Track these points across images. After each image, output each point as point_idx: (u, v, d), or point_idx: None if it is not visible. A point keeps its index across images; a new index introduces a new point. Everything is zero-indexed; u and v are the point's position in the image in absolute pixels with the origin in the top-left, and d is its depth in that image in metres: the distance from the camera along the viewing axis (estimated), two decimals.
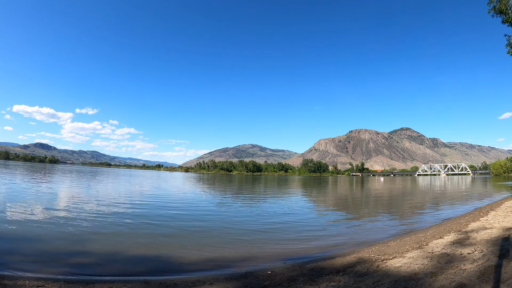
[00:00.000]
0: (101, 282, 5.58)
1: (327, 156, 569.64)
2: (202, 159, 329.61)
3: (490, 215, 12.13)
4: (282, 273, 6.18)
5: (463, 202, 23.00)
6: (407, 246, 7.80)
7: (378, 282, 5.14)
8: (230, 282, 5.71)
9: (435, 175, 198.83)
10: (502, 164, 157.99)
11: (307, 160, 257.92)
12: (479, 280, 4.42)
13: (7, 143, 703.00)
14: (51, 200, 17.38)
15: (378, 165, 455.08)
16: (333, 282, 5.43)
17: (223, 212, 15.77)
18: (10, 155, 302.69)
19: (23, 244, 8.16)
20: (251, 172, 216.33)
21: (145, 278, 5.93)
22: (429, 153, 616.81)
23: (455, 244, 7.23)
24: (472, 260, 5.57)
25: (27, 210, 13.27)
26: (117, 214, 13.63)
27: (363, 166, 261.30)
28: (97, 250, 7.95)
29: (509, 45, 16.93)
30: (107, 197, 20.90)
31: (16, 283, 5.24)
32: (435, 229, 10.53)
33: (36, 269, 6.33)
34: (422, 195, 32.29)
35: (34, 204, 15.33)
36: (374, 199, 26.81)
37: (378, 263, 6.33)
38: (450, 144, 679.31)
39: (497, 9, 16.21)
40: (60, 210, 13.97)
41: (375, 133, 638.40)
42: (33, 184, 28.93)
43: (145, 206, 17.13)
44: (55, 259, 7.09)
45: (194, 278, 6.04)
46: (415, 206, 21.07)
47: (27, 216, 11.86)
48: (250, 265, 7.13)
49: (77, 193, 22.84)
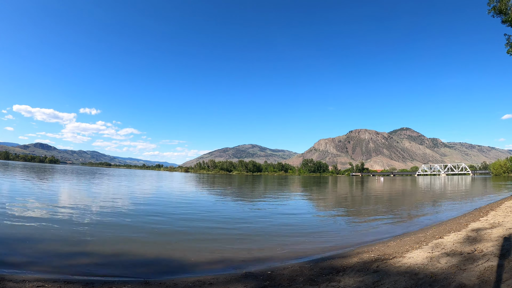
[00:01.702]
0: (101, 282, 5.57)
1: (327, 156, 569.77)
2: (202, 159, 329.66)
3: (490, 215, 12.13)
4: (282, 274, 6.18)
5: (463, 202, 23.01)
6: (407, 246, 7.80)
7: (378, 282, 5.14)
8: (230, 282, 5.71)
9: (435, 175, 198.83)
10: (502, 164, 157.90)
11: (307, 160, 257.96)
12: (479, 280, 4.42)
13: (7, 143, 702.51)
14: (50, 200, 17.37)
15: (378, 165, 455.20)
16: (333, 282, 5.43)
17: (223, 212, 15.77)
18: (10, 155, 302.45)
19: (22, 244, 8.16)
20: (251, 172, 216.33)
21: (145, 279, 5.93)
22: (429, 153, 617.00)
23: (455, 244, 7.23)
24: (472, 260, 5.57)
25: (26, 211, 13.26)
26: (116, 214, 13.62)
27: (363, 166, 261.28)
28: (96, 250, 7.95)
29: (509, 45, 16.94)
30: (107, 198, 20.90)
31: (16, 283, 5.24)
32: (435, 229, 10.54)
33: (36, 269, 6.33)
34: (422, 195, 32.30)
35: (33, 204, 15.33)
36: (374, 199, 26.80)
37: (378, 263, 6.33)
38: (450, 144, 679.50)
39: (497, 9, 16.23)
40: (60, 210, 13.96)
41: (375, 133, 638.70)
42: (33, 184, 28.91)
43: (145, 206, 17.13)
44: (55, 259, 7.09)
45: (194, 278, 6.04)
46: (415, 206, 21.08)
47: (27, 217, 11.85)
48: (250, 265, 7.14)
49: (76, 193, 22.84)
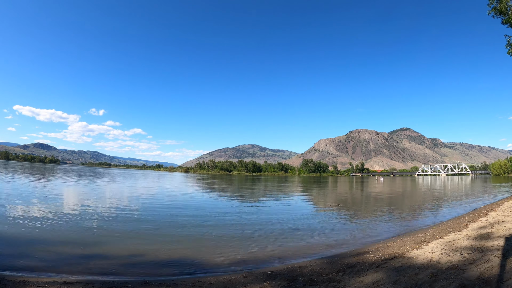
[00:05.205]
0: (101, 283, 5.58)
1: (327, 156, 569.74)
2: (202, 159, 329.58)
3: (490, 215, 12.13)
4: (282, 273, 6.19)
5: (463, 202, 23.01)
6: (407, 247, 7.80)
7: (377, 282, 5.15)
8: (229, 282, 5.72)
9: (435, 175, 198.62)
10: (502, 164, 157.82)
11: (307, 160, 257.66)
12: (479, 280, 4.42)
13: (7, 143, 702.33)
14: (50, 201, 17.38)
15: (378, 165, 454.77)
16: (333, 282, 5.44)
17: (223, 213, 15.78)
18: (10, 155, 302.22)
19: (22, 244, 8.17)
20: (251, 172, 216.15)
21: (145, 278, 5.94)
22: (429, 153, 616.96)
23: (455, 245, 7.23)
24: (472, 260, 5.57)
25: (26, 211, 13.28)
26: (116, 215, 13.64)
27: (363, 166, 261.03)
28: (96, 250, 7.96)
29: (509, 45, 16.91)
30: (107, 198, 20.90)
31: (16, 283, 5.25)
32: (435, 229, 10.54)
33: (36, 270, 6.35)
34: (422, 195, 32.31)
35: (33, 205, 15.34)
36: (374, 199, 26.81)
37: (378, 264, 6.34)
38: (450, 144, 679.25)
39: (497, 9, 16.20)
40: (60, 211, 13.97)
41: (375, 133, 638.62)
42: (32, 184, 28.91)
43: (145, 206, 17.13)
44: (55, 259, 7.11)
45: (194, 278, 6.05)
46: (415, 206, 21.09)
47: (27, 217, 11.86)
48: (250, 265, 7.16)
49: (76, 193, 22.84)
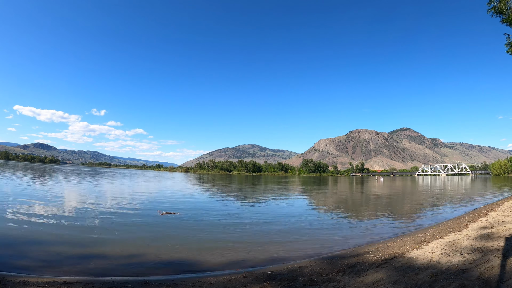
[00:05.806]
0: (101, 283, 5.57)
1: (327, 156, 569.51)
2: (202, 159, 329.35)
3: (490, 215, 12.12)
4: (282, 273, 6.19)
5: (463, 202, 23.01)
6: (407, 246, 7.80)
7: (377, 282, 5.14)
8: (229, 282, 5.72)
9: (435, 175, 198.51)
10: (502, 164, 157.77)
11: (307, 160, 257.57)
12: (479, 280, 4.42)
13: (7, 143, 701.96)
14: (50, 201, 17.38)
15: (378, 165, 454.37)
16: (333, 282, 5.44)
17: (223, 213, 15.77)
18: (10, 155, 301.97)
19: (22, 244, 8.17)
20: (251, 172, 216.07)
21: (145, 278, 5.94)
22: (429, 153, 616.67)
23: (455, 245, 7.23)
24: (472, 261, 5.57)
25: (26, 211, 13.27)
26: (116, 215, 13.64)
27: (363, 166, 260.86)
28: (96, 250, 7.96)
29: (509, 44, 16.88)
30: (107, 198, 20.90)
31: (16, 283, 5.24)
32: (435, 229, 10.53)
33: (36, 270, 6.35)
34: (422, 195, 32.30)
35: (33, 205, 15.34)
36: (374, 199, 26.81)
37: (378, 264, 6.33)
38: (450, 144, 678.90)
39: (496, 9, 16.18)
40: (59, 211, 13.97)
41: (375, 133, 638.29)
42: (32, 185, 28.91)
43: (145, 206, 17.12)
44: (55, 260, 7.11)
45: (194, 278, 6.05)
46: (415, 206, 21.08)
47: (27, 217, 11.86)
48: (250, 265, 7.15)
49: (76, 193, 22.84)
